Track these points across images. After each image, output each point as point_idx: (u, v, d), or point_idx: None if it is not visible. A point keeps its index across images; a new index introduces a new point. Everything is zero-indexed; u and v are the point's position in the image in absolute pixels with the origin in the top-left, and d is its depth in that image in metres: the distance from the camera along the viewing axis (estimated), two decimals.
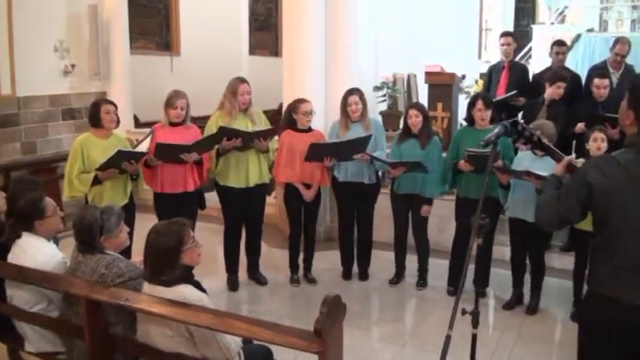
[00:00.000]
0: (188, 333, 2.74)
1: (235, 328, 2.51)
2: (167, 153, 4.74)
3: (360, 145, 5.01)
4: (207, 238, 5.92)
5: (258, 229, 5.38)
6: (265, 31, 12.00)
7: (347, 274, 5.54)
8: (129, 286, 2.94)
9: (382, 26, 7.20)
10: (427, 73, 6.77)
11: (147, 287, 2.84)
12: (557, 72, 5.85)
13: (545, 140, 3.10)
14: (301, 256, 5.45)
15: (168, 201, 4.85)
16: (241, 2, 11.29)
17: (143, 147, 4.84)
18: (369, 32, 6.59)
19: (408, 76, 7.65)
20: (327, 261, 5.79)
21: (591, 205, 2.36)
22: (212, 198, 5.43)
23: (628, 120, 2.37)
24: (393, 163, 5.00)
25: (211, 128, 4.95)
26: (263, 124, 5.14)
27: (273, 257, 5.91)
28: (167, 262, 2.79)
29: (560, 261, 5.59)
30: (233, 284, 5.29)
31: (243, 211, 5.20)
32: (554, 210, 2.48)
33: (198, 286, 2.88)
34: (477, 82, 7.97)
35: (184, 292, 2.76)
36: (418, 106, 5.24)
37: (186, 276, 2.85)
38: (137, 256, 3.39)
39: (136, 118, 8.58)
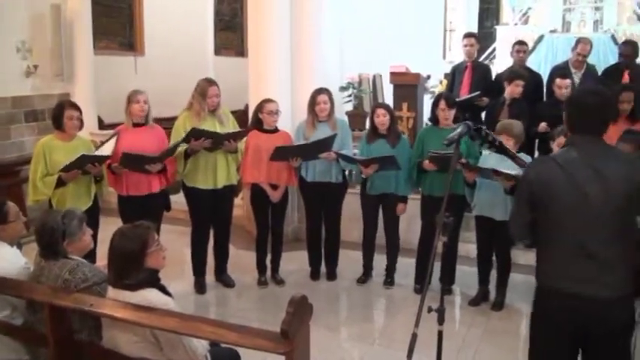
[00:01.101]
0: (154, 338, 2.71)
1: (201, 331, 2.50)
2: (133, 162, 4.69)
3: (324, 145, 5.03)
4: (174, 240, 5.88)
5: (226, 230, 5.35)
6: (231, 31, 11.93)
7: (315, 275, 5.55)
8: (93, 291, 2.89)
9: (347, 27, 7.22)
10: (392, 74, 6.81)
11: (111, 292, 2.80)
12: (515, 70, 5.95)
13: (506, 146, 3.21)
14: (269, 257, 5.43)
15: (133, 203, 4.79)
16: (206, 2, 11.20)
17: (107, 149, 4.77)
18: (334, 32, 6.61)
19: (374, 76, 7.69)
20: (295, 261, 5.78)
21: (534, 198, 2.55)
22: (179, 200, 5.38)
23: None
24: (366, 161, 5.02)
25: (179, 129, 4.92)
26: (231, 125, 5.13)
27: (241, 259, 5.87)
28: (131, 266, 2.75)
29: (526, 257, 5.66)
30: (200, 287, 5.25)
31: (210, 213, 5.17)
32: (517, 221, 2.68)
33: (163, 289, 2.86)
34: (441, 82, 8.07)
35: (149, 296, 2.73)
36: (385, 106, 5.30)
37: (152, 280, 2.82)
38: (102, 260, 3.33)
39: (100, 120, 8.45)
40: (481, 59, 9.12)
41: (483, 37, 10.98)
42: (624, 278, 2.45)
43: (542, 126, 5.44)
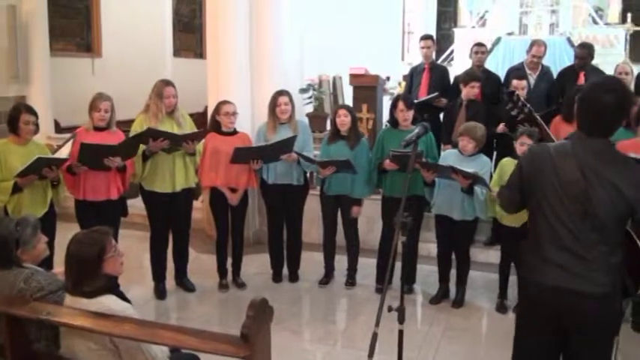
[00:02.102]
0: (113, 345, 2.67)
1: (160, 337, 2.47)
2: (92, 155, 4.57)
3: (285, 146, 5.03)
4: (132, 245, 5.81)
5: (185, 234, 5.29)
6: (189, 32, 11.83)
7: (277, 277, 5.53)
8: (50, 299, 2.84)
9: (307, 28, 7.24)
10: (352, 75, 6.85)
11: (69, 299, 2.75)
12: (470, 72, 6.05)
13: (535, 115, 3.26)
14: (230, 261, 5.39)
15: (91, 208, 4.70)
16: (165, 3, 11.08)
17: (64, 153, 4.67)
18: (293, 34, 6.61)
19: (334, 78, 7.73)
20: (256, 264, 5.77)
21: (523, 182, 2.57)
22: (136, 204, 5.31)
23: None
24: (322, 163, 5.04)
25: (137, 132, 4.84)
26: (189, 127, 5.08)
27: (201, 263, 5.82)
28: (89, 273, 2.71)
29: (485, 255, 5.79)
30: (160, 292, 5.17)
31: (169, 217, 5.11)
32: (505, 195, 2.74)
33: (122, 296, 2.82)
34: (399, 83, 8.15)
35: (107, 302, 2.69)
36: (347, 107, 5.35)
37: (110, 286, 2.78)
38: (59, 267, 3.27)
39: (56, 123, 8.27)
40: (439, 61, 9.28)
41: (441, 39, 11.17)
42: (610, 276, 2.44)
43: (501, 127, 5.55)
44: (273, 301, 2.54)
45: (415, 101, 5.63)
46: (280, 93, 5.23)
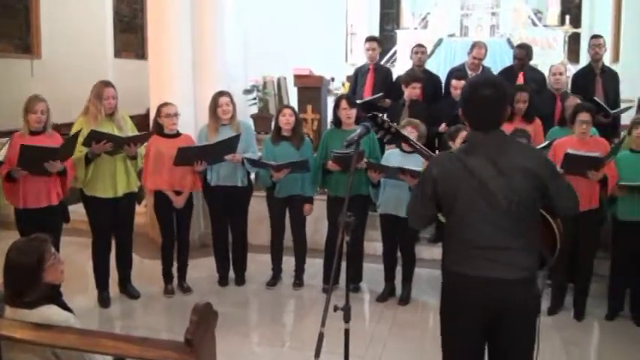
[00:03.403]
0: (55, 357, 2.60)
1: (102, 346, 2.41)
2: (32, 159, 4.42)
3: (229, 146, 5.00)
4: (74, 253, 5.67)
5: (129, 240, 5.18)
6: (131, 32, 11.57)
7: (223, 280, 5.49)
8: None
9: (251, 29, 7.22)
10: (296, 76, 6.87)
11: (9, 311, 2.66)
12: (412, 73, 6.16)
13: (403, 133, 3.32)
14: (175, 266, 5.32)
15: (31, 216, 4.56)
16: (105, 2, 10.81)
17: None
18: (236, 34, 6.58)
19: (278, 79, 7.73)
20: (202, 268, 5.72)
21: (439, 196, 2.60)
22: (78, 210, 5.18)
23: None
24: (279, 166, 5.00)
25: (78, 131, 4.72)
26: (130, 130, 4.99)
27: (146, 268, 5.72)
28: (28, 282, 2.63)
29: (429, 252, 5.90)
30: (104, 300, 5.04)
31: (112, 222, 5.00)
32: (417, 210, 2.74)
33: (64, 305, 2.75)
34: (343, 84, 8.20)
35: (48, 312, 2.62)
36: (291, 107, 5.36)
37: (51, 295, 2.71)
38: None
39: None
40: (383, 62, 9.36)
41: (384, 40, 11.25)
42: (532, 260, 2.55)
43: (443, 126, 5.68)
44: (220, 305, 2.53)
45: (359, 101, 5.70)
46: (221, 94, 5.20)
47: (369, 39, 7.04)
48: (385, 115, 6.17)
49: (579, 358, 4.29)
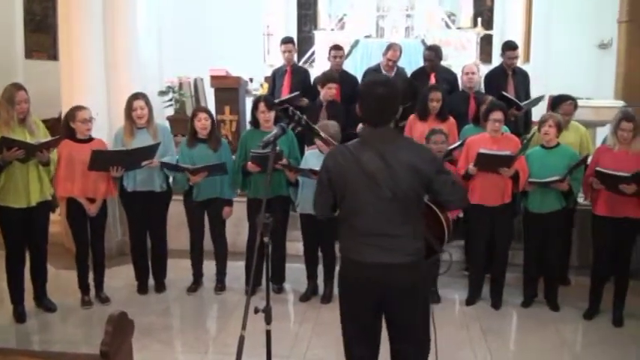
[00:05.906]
0: None
1: None
2: None
3: (147, 154, 4.88)
4: None
5: (43, 250, 4.94)
6: (43, 32, 11.06)
7: (143, 288, 5.33)
8: None
9: (165, 29, 7.06)
10: (213, 77, 6.79)
11: None
12: (327, 74, 6.21)
13: (313, 126, 3.51)
14: (92, 276, 5.13)
15: None
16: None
17: None
18: (150, 34, 6.42)
19: (195, 80, 7.61)
20: (120, 277, 5.55)
21: (333, 186, 2.82)
22: None
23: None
24: (196, 169, 4.92)
25: None
26: (42, 135, 4.76)
27: (61, 279, 5.47)
28: None
29: None
30: (19, 315, 4.79)
31: (25, 233, 4.75)
32: (318, 199, 2.95)
33: None
34: (262, 85, 8.17)
35: None
36: (206, 110, 5.27)
37: None
38: None
39: None
40: (301, 63, 9.41)
41: (302, 41, 11.32)
42: (417, 245, 2.78)
43: (360, 127, 5.72)
44: (140, 313, 2.46)
45: (276, 101, 5.68)
46: (135, 97, 5.05)
47: (285, 41, 7.04)
48: (305, 117, 6.26)
49: (498, 345, 4.43)
